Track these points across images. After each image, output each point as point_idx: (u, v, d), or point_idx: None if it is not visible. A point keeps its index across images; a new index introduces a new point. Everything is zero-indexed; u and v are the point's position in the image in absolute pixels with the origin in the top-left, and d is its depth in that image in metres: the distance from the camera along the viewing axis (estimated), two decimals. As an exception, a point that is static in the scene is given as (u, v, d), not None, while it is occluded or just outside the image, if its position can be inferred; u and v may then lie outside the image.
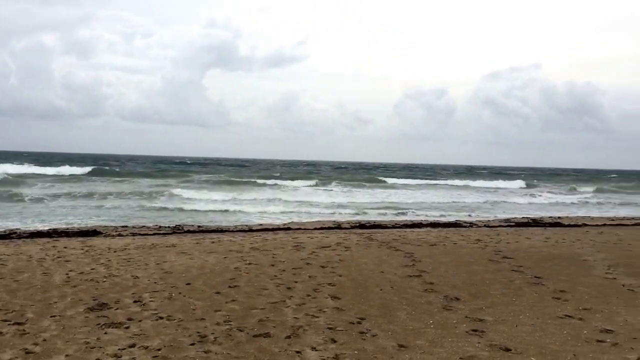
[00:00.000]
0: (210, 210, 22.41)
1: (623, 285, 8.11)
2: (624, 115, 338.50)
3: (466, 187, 48.18)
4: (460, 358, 4.85)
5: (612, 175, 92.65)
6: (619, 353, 5.04)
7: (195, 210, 22.30)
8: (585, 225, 19.11)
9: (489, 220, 20.62)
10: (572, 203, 33.86)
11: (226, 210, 22.63)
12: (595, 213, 26.85)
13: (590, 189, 48.91)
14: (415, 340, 5.35)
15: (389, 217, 21.87)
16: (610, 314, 6.43)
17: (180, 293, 7.28)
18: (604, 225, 19.43)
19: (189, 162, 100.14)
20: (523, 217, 22.25)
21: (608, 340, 5.42)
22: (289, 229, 16.21)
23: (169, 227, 16.35)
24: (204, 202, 26.22)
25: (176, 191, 31.01)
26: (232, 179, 45.64)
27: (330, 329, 5.67)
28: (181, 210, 22.51)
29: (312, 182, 44.87)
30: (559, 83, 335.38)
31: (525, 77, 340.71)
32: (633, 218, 23.63)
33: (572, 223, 19.88)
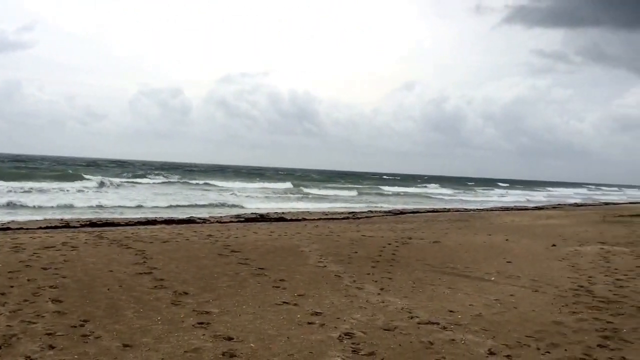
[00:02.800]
0: None
1: (331, 272, 9.22)
2: (335, 122, 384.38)
3: (206, 185, 48.73)
4: (185, 351, 5.01)
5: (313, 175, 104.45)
6: (325, 332, 5.74)
7: None
8: (305, 219, 21.06)
9: (221, 217, 21.33)
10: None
11: None
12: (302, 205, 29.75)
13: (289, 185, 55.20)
14: (142, 338, 5.36)
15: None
16: (320, 298, 7.27)
17: None
18: (320, 219, 21.68)
19: None
20: (252, 213, 23.56)
21: (317, 321, 6.12)
22: (8, 229, 14.59)
23: None
24: None
25: None
26: None
27: (49, 334, 5.34)
28: None
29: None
30: (283, 90, 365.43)
31: (254, 82, 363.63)
32: (342, 212, 26.80)
33: (294, 218, 21.75)
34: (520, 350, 5.38)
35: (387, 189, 60.48)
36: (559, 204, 48.68)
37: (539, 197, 66.35)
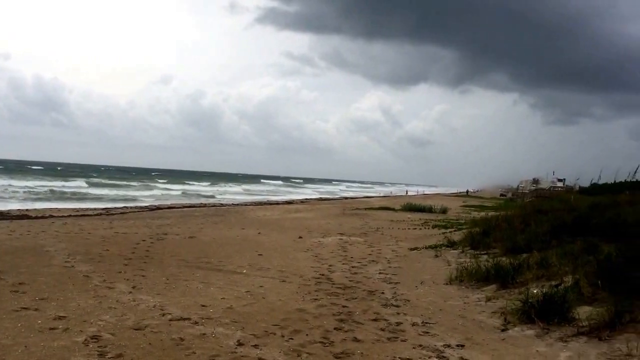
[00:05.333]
0: None
1: (79, 272, 8.68)
2: (89, 113, 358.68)
3: None
4: None
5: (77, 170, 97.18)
6: (69, 337, 5.38)
7: None
8: (52, 216, 19.39)
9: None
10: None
11: None
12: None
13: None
14: None
15: None
16: (65, 301, 6.79)
17: None
18: (70, 216, 20.18)
19: None
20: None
21: (60, 326, 5.71)
22: None
23: None
24: None
25: None
26: None
27: None
28: None
29: None
30: (27, 75, 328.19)
31: None
32: (96, 209, 25.33)
33: (40, 215, 19.90)
34: (267, 339, 5.70)
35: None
36: (306, 199, 52.29)
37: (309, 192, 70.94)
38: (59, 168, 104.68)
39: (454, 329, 6.28)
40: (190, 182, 79.54)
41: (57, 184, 50.69)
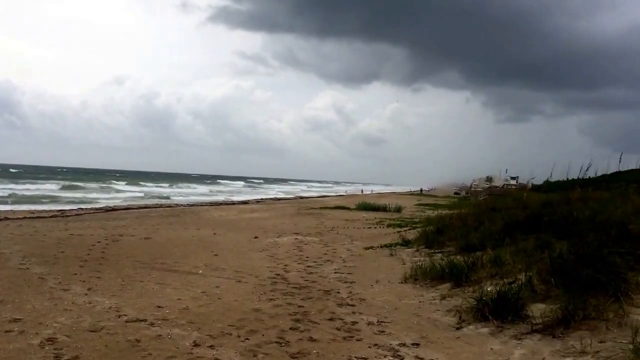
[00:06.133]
0: None
1: (35, 274, 8.51)
2: (42, 114, 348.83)
3: None
4: None
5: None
6: (24, 339, 5.29)
7: None
8: (7, 219, 18.89)
9: None
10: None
11: None
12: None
13: None
14: None
15: None
16: (20, 303, 6.67)
17: None
18: (24, 218, 19.69)
19: None
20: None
21: (16, 329, 5.63)
22: None
23: None
24: None
25: None
26: None
27: None
28: None
29: None
30: None
31: None
32: (51, 210, 24.86)
33: (-7, 217, 19.26)
34: (223, 339, 5.62)
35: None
36: (261, 199, 52.02)
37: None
38: (12, 170, 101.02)
39: (409, 328, 6.29)
40: (147, 184, 77.93)
41: (18, 187, 49.37)
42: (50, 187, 54.72)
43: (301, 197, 59.51)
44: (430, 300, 7.55)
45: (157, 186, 71.82)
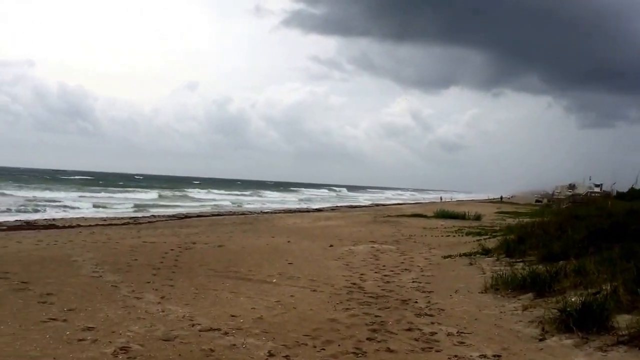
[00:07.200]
0: None
1: (107, 282, 8.67)
2: (113, 121, 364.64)
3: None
4: None
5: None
6: (97, 348, 5.33)
7: None
8: (80, 226, 19.68)
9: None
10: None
11: None
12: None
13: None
14: None
15: None
16: (93, 312, 6.76)
17: None
18: (97, 225, 20.44)
19: None
20: (16, 220, 21.37)
21: (89, 337, 5.66)
22: None
23: None
24: None
25: None
26: None
27: None
28: None
29: None
30: (51, 83, 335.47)
31: (17, 73, 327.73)
32: (122, 218, 25.68)
33: (67, 225, 20.17)
34: (298, 349, 5.58)
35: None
36: (336, 206, 52.12)
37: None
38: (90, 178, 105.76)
39: (490, 339, 6.05)
40: (221, 191, 79.41)
41: (129, 196, 50.50)
42: (151, 196, 54.12)
43: (376, 205, 59.14)
44: (512, 311, 7.24)
45: (229, 194, 72.54)
